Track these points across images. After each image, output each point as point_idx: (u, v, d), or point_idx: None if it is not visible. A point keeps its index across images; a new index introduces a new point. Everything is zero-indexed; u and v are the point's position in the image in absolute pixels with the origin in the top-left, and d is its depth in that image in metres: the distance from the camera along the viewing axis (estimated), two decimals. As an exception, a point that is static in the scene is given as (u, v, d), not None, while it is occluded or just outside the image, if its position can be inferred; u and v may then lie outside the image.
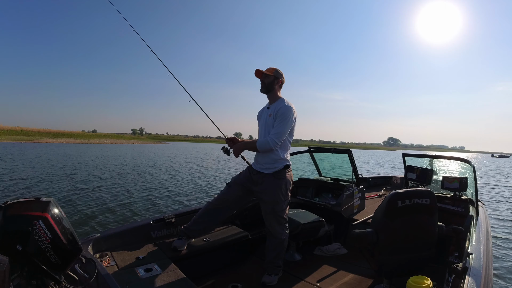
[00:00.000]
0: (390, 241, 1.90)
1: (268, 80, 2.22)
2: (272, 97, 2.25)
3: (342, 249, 2.86)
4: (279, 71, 2.25)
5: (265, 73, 2.22)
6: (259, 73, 2.24)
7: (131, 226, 2.29)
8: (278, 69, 2.26)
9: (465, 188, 3.08)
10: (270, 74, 2.21)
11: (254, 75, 2.27)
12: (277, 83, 2.24)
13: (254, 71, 2.26)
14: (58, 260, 1.30)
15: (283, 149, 2.19)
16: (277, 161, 2.16)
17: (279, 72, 2.25)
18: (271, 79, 2.22)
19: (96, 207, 6.46)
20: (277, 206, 2.14)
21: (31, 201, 1.31)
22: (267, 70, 2.24)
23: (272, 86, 2.23)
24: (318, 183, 3.71)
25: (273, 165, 2.15)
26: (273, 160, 2.15)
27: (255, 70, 2.25)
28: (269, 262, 2.20)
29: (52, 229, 1.26)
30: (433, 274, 1.80)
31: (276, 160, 2.15)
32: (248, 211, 3.02)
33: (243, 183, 2.29)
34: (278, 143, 2.10)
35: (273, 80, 2.22)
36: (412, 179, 3.71)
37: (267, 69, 2.25)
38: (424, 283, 1.61)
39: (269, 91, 2.25)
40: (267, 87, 2.23)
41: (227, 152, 2.30)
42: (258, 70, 2.24)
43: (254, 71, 2.26)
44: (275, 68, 2.26)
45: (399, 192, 1.90)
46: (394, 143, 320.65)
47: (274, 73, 2.22)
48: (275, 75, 2.22)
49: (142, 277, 1.74)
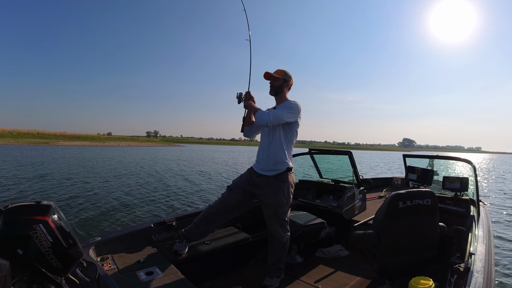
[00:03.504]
0: (392, 242, 1.90)
1: (277, 84, 2.24)
2: (280, 99, 2.27)
3: (344, 251, 2.85)
4: (288, 73, 2.27)
5: (274, 76, 2.24)
6: (268, 75, 2.26)
7: (132, 230, 2.29)
8: (287, 71, 2.27)
9: (466, 188, 3.07)
10: (279, 77, 2.23)
11: (264, 78, 2.28)
12: (286, 86, 2.27)
13: (263, 74, 2.27)
14: (59, 264, 1.29)
15: (286, 151, 2.18)
16: (280, 163, 2.14)
17: (288, 74, 2.26)
18: (280, 82, 2.24)
19: (97, 210, 6.45)
20: (279, 209, 2.13)
21: (31, 205, 1.30)
22: (276, 72, 2.25)
23: (281, 89, 2.26)
24: (319, 185, 3.71)
25: (276, 167, 2.14)
26: (275, 162, 2.14)
27: (264, 73, 2.27)
28: (271, 264, 2.19)
29: (52, 233, 1.26)
30: (435, 275, 1.79)
31: (278, 161, 2.14)
32: (249, 213, 3.01)
33: (244, 187, 2.27)
34: (274, 122, 2.10)
35: (283, 83, 2.25)
36: (413, 180, 3.71)
37: (275, 71, 2.26)
38: (426, 284, 1.61)
39: (277, 94, 2.27)
40: (276, 90, 2.26)
41: (240, 98, 2.34)
42: (267, 73, 2.26)
43: (263, 74, 2.27)
44: (284, 71, 2.27)
45: (400, 193, 1.89)
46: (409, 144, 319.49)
47: (284, 75, 2.24)
48: (284, 77, 2.24)
49: (143, 281, 1.74)
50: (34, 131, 67.10)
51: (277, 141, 2.16)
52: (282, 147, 2.16)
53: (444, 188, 3.18)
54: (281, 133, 2.18)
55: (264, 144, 2.22)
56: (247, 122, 2.41)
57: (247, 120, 2.41)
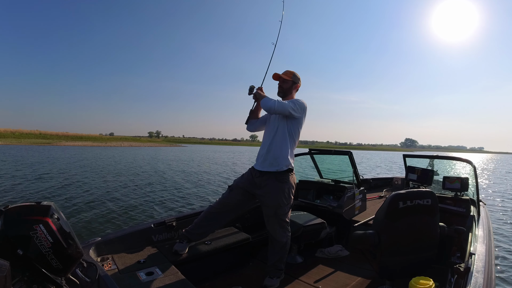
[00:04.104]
0: (392, 242, 1.90)
1: (286, 86, 2.26)
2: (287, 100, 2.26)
3: (344, 251, 2.85)
4: (297, 75, 2.28)
5: (283, 78, 2.24)
6: (277, 76, 2.26)
7: (132, 230, 2.29)
8: (296, 72, 2.28)
9: (466, 188, 3.07)
10: (288, 79, 2.24)
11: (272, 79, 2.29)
12: (294, 88, 2.29)
13: (272, 75, 2.28)
14: (59, 264, 1.29)
15: (289, 149, 2.17)
16: (280, 159, 2.12)
17: (296, 76, 2.27)
18: (289, 84, 2.26)
19: (97, 210, 6.45)
20: (280, 209, 2.13)
21: (31, 205, 1.31)
22: (285, 74, 2.25)
23: (289, 91, 2.27)
24: (319, 185, 3.71)
25: (276, 162, 2.12)
26: (276, 157, 2.13)
27: (273, 74, 2.28)
28: (271, 265, 2.19)
29: (53, 233, 1.26)
30: (435, 275, 1.79)
31: (279, 157, 2.12)
32: (249, 214, 3.01)
33: (245, 187, 2.26)
34: (277, 108, 2.09)
35: (291, 85, 2.26)
36: (413, 180, 3.71)
37: (284, 72, 2.26)
38: (426, 284, 1.61)
39: (286, 96, 2.28)
40: (285, 92, 2.27)
41: (251, 90, 2.32)
42: (276, 74, 2.27)
43: (272, 75, 2.28)
44: (293, 72, 2.27)
45: (400, 193, 1.89)
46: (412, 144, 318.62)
47: (292, 77, 2.25)
48: (293, 79, 2.25)
49: (143, 281, 1.74)
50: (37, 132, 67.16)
51: (279, 139, 2.16)
52: (284, 145, 2.15)
53: (444, 188, 3.18)
54: (285, 130, 2.17)
55: (266, 142, 2.22)
56: (254, 115, 2.43)
57: (254, 113, 2.42)
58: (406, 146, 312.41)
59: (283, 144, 2.15)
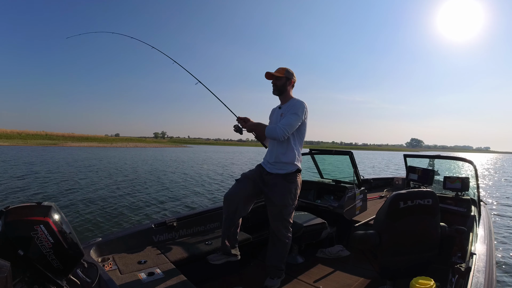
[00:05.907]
0: (393, 242, 1.90)
1: (280, 83, 2.18)
2: (285, 98, 2.22)
3: (345, 251, 2.84)
4: (290, 70, 2.20)
5: (276, 76, 2.17)
6: (269, 75, 2.20)
7: (133, 230, 2.29)
8: (288, 68, 2.20)
9: (467, 188, 3.06)
10: (281, 76, 2.17)
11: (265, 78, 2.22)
12: (289, 84, 2.20)
13: (264, 74, 2.22)
14: (60, 265, 1.29)
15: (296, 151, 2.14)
16: (289, 163, 2.11)
17: (289, 71, 2.19)
18: (283, 81, 2.18)
19: (98, 211, 6.46)
20: (285, 209, 2.11)
21: (32, 205, 1.31)
22: (277, 71, 2.19)
23: (284, 88, 2.19)
24: (320, 185, 3.71)
25: (285, 166, 2.11)
26: (285, 161, 2.11)
27: (265, 73, 2.21)
28: (272, 265, 2.18)
29: (53, 233, 1.26)
30: (436, 275, 1.79)
31: (288, 161, 2.11)
32: (250, 214, 3.01)
33: (255, 179, 2.19)
34: (286, 134, 2.04)
35: (285, 81, 2.18)
36: (413, 180, 3.70)
37: (276, 70, 2.20)
38: (427, 284, 1.60)
39: (281, 93, 2.21)
40: (280, 90, 2.20)
41: (239, 130, 2.29)
42: (268, 73, 2.20)
43: (264, 74, 2.22)
44: (285, 68, 2.20)
45: (401, 193, 1.89)
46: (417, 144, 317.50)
47: (285, 73, 2.18)
48: (286, 75, 2.17)
49: (144, 281, 1.74)
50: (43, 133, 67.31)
51: (286, 143, 2.13)
52: (291, 147, 2.13)
53: (445, 188, 3.17)
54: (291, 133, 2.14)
55: (274, 143, 2.18)
56: (263, 139, 2.36)
57: (261, 138, 2.35)
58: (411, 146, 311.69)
59: (291, 147, 2.12)
